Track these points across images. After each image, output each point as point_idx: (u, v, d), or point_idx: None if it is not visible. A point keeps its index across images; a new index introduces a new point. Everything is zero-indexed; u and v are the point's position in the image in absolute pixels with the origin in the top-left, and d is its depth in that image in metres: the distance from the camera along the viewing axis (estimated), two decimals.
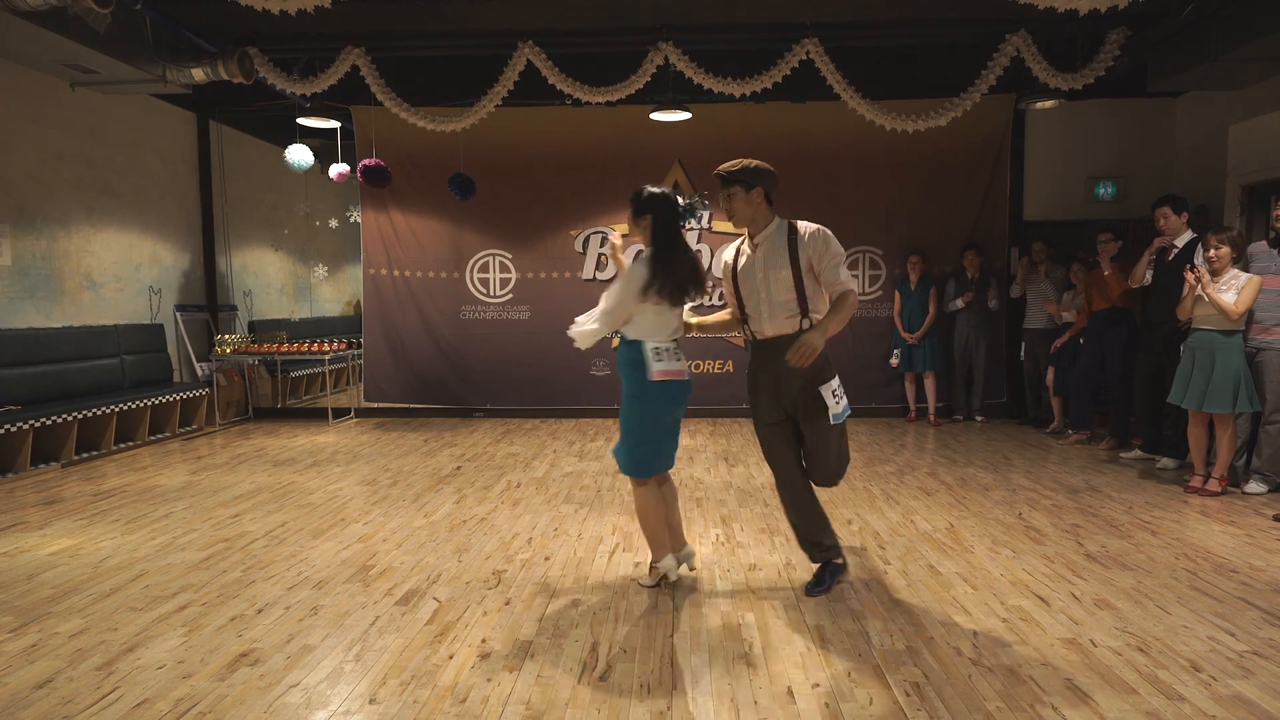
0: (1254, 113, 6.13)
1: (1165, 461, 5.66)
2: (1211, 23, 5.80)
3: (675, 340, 3.37)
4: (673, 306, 3.31)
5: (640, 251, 3.43)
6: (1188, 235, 5.54)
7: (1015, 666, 2.73)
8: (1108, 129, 7.94)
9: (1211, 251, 4.90)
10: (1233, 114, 6.53)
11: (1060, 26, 6.09)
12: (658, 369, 3.26)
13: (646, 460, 3.37)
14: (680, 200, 3.36)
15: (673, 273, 3.24)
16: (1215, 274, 4.89)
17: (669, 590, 3.45)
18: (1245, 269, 4.93)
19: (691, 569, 3.67)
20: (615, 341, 3.37)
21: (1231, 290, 4.79)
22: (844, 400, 3.27)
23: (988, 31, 6.35)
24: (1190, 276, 4.93)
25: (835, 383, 3.25)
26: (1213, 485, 4.97)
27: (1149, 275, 5.74)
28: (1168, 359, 5.54)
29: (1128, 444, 6.22)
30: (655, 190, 3.32)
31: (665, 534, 3.47)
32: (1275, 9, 5.24)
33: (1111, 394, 6.43)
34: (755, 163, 3.24)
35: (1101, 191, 7.94)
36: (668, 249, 3.30)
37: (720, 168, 3.27)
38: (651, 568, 3.51)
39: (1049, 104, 7.23)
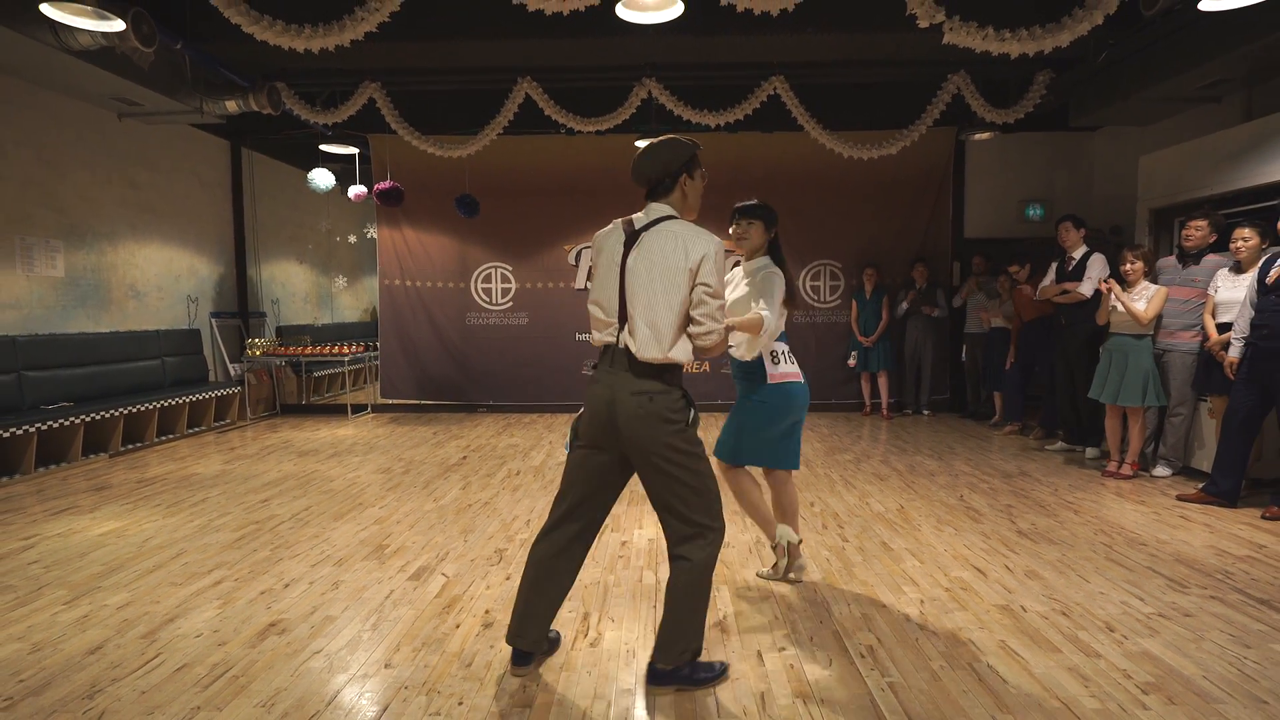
0: (1160, 145, 6.23)
1: (1091, 451, 5.73)
2: (1122, 68, 5.92)
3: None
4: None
5: (737, 263, 3.13)
6: (1083, 249, 5.65)
7: (956, 630, 2.76)
8: (1036, 158, 8.04)
9: (1127, 265, 4.97)
10: (1142, 146, 6.63)
11: (995, 69, 6.17)
12: (778, 371, 2.98)
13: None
14: None
15: (790, 279, 3.00)
16: (1129, 285, 4.96)
17: (652, 566, 3.46)
18: (1154, 281, 5.02)
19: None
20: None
21: (1143, 299, 4.87)
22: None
23: (932, 72, 6.42)
24: (1104, 287, 5.02)
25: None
26: (1126, 470, 5.04)
27: (1052, 281, 5.83)
28: (1081, 362, 5.64)
29: (1054, 435, 6.29)
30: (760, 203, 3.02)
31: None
32: (1174, 59, 5.39)
33: (1041, 390, 6.50)
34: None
35: (1031, 213, 8.04)
36: (783, 258, 3.04)
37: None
38: (776, 545, 3.23)
39: (986, 136, 7.32)
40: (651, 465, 2.27)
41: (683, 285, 2.21)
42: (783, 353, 3.02)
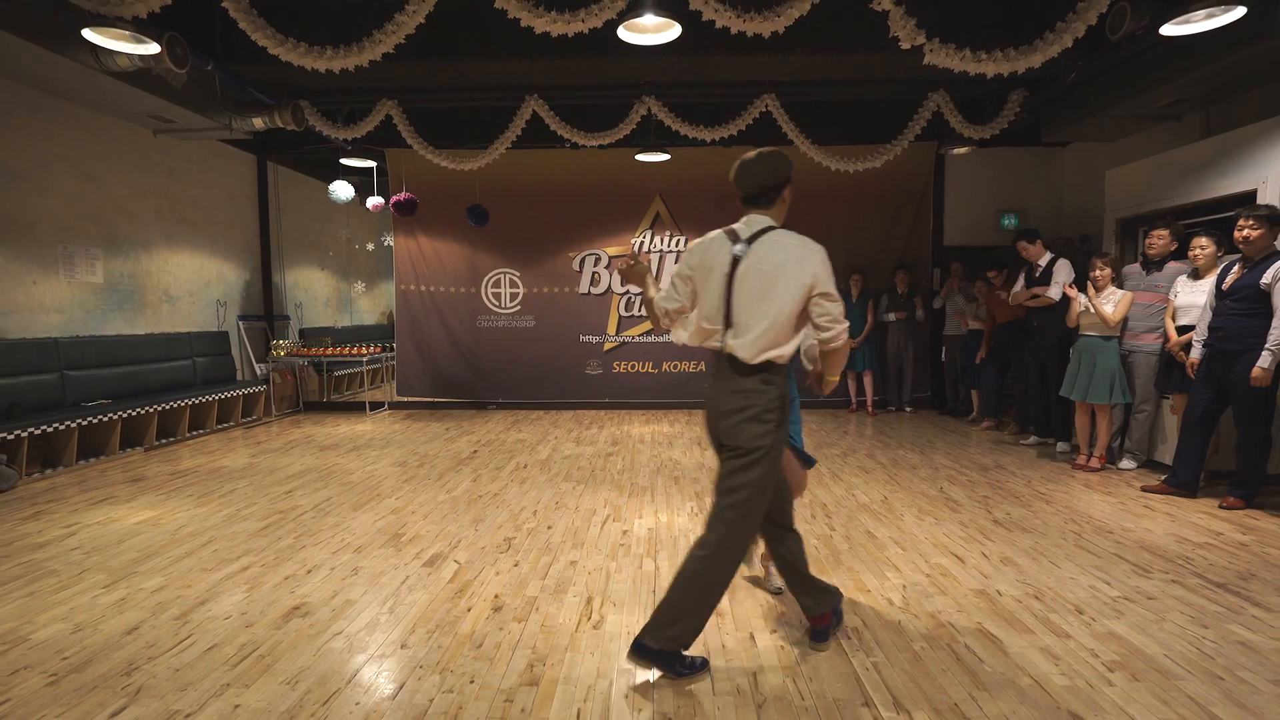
0: (1125, 160, 6.24)
1: (1062, 445, 5.72)
2: (1090, 88, 5.93)
3: None
4: None
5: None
6: (1047, 256, 5.69)
7: (936, 613, 2.76)
8: (1011, 171, 8.04)
9: (1096, 272, 4.97)
10: (1109, 160, 6.63)
11: (972, 87, 6.17)
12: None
13: None
14: None
15: None
16: (1098, 290, 4.97)
17: (651, 554, 3.46)
18: (1121, 287, 5.02)
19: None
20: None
21: (1110, 303, 4.87)
22: None
23: (914, 91, 6.42)
24: (1071, 292, 5.02)
25: None
26: (1094, 463, 5.05)
27: (1021, 287, 5.84)
28: (1052, 362, 5.65)
29: (1027, 430, 6.29)
30: None
31: None
32: (1137, 80, 5.42)
33: (1015, 389, 6.50)
34: None
35: (1006, 222, 8.03)
36: None
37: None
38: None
39: (963, 150, 7.31)
40: (729, 459, 2.26)
41: (795, 292, 2.18)
42: None
